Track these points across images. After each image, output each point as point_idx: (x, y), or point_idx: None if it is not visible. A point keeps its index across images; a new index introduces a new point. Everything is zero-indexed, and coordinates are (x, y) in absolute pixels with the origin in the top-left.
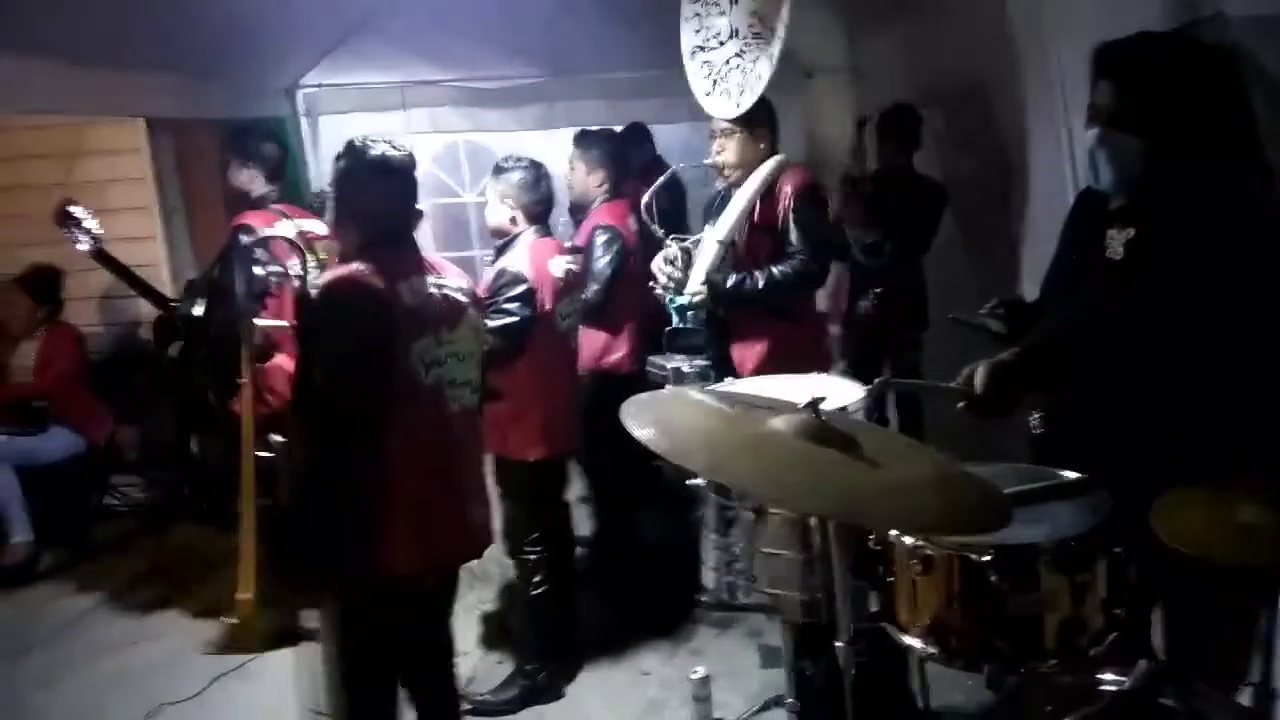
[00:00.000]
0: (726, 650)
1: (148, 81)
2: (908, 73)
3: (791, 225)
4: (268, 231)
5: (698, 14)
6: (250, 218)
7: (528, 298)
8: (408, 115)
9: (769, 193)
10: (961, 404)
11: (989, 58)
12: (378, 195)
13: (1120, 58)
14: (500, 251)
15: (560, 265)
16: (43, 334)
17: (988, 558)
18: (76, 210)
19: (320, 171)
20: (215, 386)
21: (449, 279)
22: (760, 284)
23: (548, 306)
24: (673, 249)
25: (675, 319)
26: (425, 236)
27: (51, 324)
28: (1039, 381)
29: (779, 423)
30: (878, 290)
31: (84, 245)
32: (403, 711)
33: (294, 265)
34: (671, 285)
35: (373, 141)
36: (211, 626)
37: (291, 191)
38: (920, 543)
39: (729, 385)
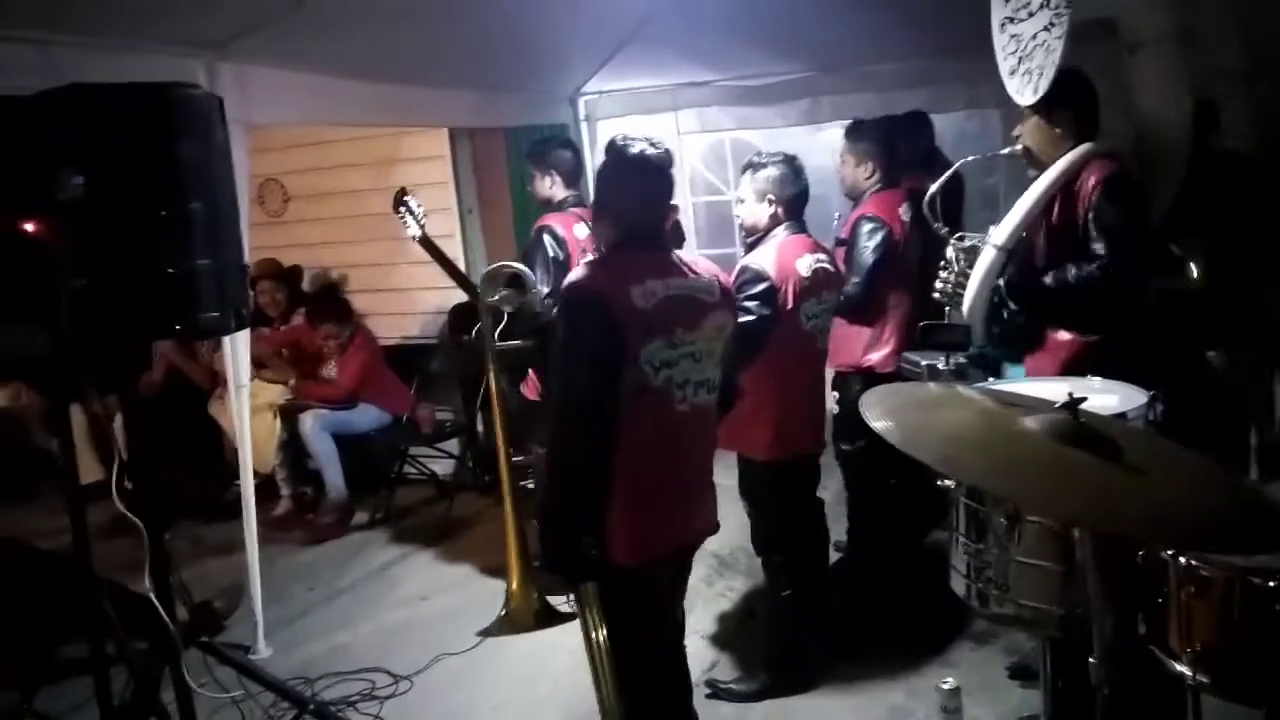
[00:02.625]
0: (982, 663)
1: (450, 96)
2: (1243, 40)
3: (1091, 224)
4: (561, 231)
5: None
6: (551, 219)
7: (768, 296)
8: (677, 116)
9: (1069, 187)
10: None
11: None
12: (632, 193)
13: None
14: (750, 249)
15: (808, 264)
16: (344, 345)
17: (1274, 583)
18: (410, 199)
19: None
20: (508, 370)
21: (696, 279)
22: (1051, 285)
23: (790, 305)
24: (950, 250)
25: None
26: (689, 233)
27: (349, 341)
28: None
29: (1031, 421)
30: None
31: (413, 230)
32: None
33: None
34: (949, 289)
35: (632, 140)
36: (490, 586)
37: None
38: (1196, 563)
39: (991, 384)
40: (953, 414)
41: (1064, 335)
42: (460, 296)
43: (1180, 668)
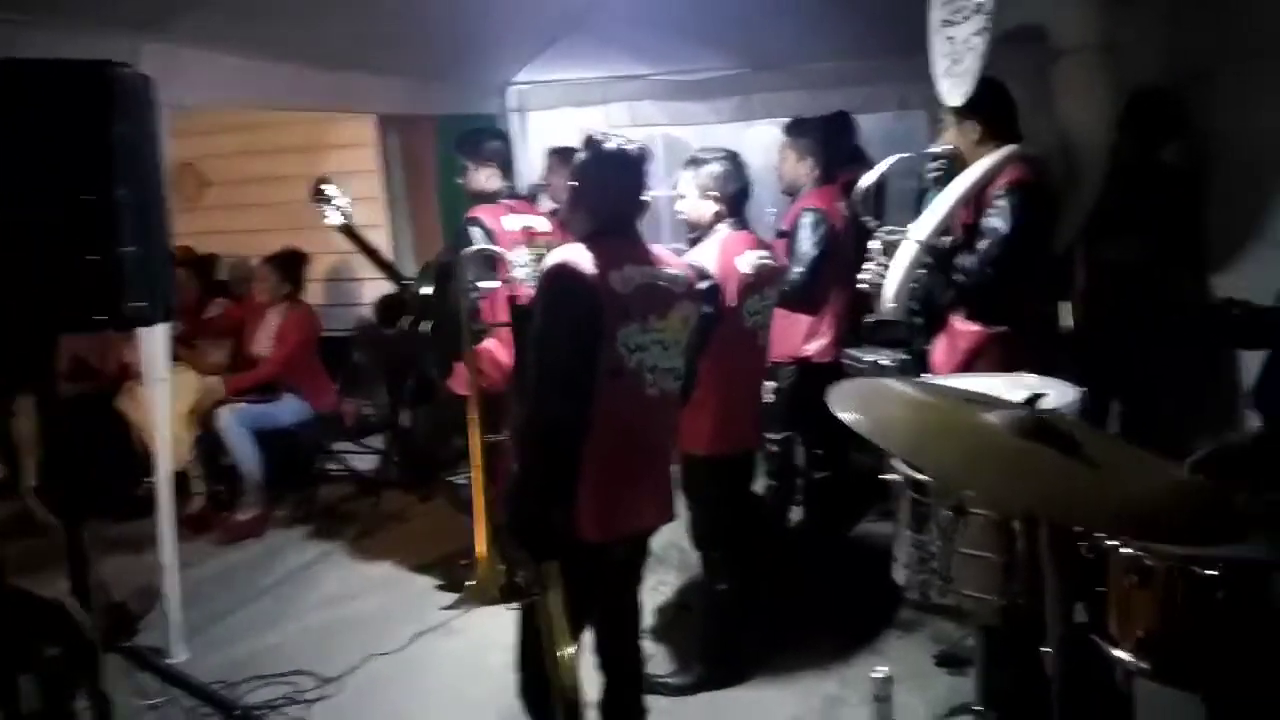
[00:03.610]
0: (910, 652)
1: (380, 82)
2: (1167, 50)
3: (984, 224)
4: (489, 223)
5: None
6: (479, 211)
7: (710, 294)
8: (608, 109)
9: (986, 188)
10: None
11: (1258, 33)
12: (610, 185)
13: None
14: (693, 245)
15: (751, 260)
16: (285, 311)
17: (1214, 572)
18: (329, 188)
19: (528, 163)
20: (438, 363)
21: (666, 269)
22: (948, 282)
23: (732, 302)
24: (877, 243)
25: None
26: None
27: (292, 303)
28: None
29: (992, 416)
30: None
31: (334, 219)
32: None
33: (518, 256)
34: (874, 281)
35: (609, 135)
36: (418, 584)
37: None
38: (1139, 552)
39: (932, 380)
40: (917, 408)
41: (968, 326)
42: (387, 287)
43: (1122, 655)
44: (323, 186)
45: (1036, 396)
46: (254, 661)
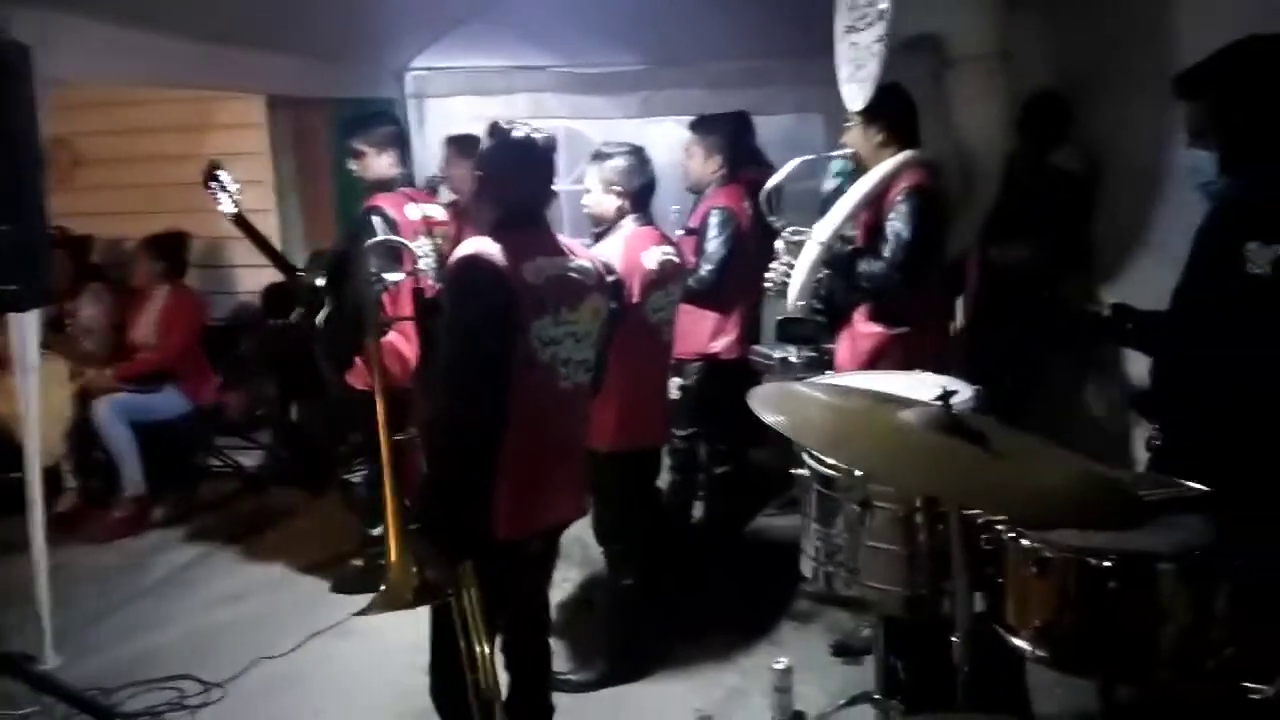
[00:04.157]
0: (806, 642)
1: (270, 60)
2: (1058, 58)
3: (886, 228)
4: (391, 212)
5: None
6: (380, 200)
7: (615, 289)
8: (511, 100)
9: (885, 191)
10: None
11: (1133, 47)
12: (517, 175)
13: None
14: (597, 240)
15: (655, 256)
16: (166, 296)
17: (1108, 563)
18: (222, 174)
19: (426, 152)
20: (332, 357)
21: (576, 261)
22: (850, 285)
23: (636, 298)
24: (780, 243)
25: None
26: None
27: (174, 286)
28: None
29: (908, 414)
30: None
31: (226, 207)
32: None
33: (419, 246)
34: (778, 280)
35: (516, 124)
36: (308, 585)
37: None
38: (1037, 544)
39: (839, 380)
40: (836, 410)
41: (870, 327)
42: (269, 275)
43: (1020, 643)
44: (218, 172)
45: (950, 394)
46: (134, 667)
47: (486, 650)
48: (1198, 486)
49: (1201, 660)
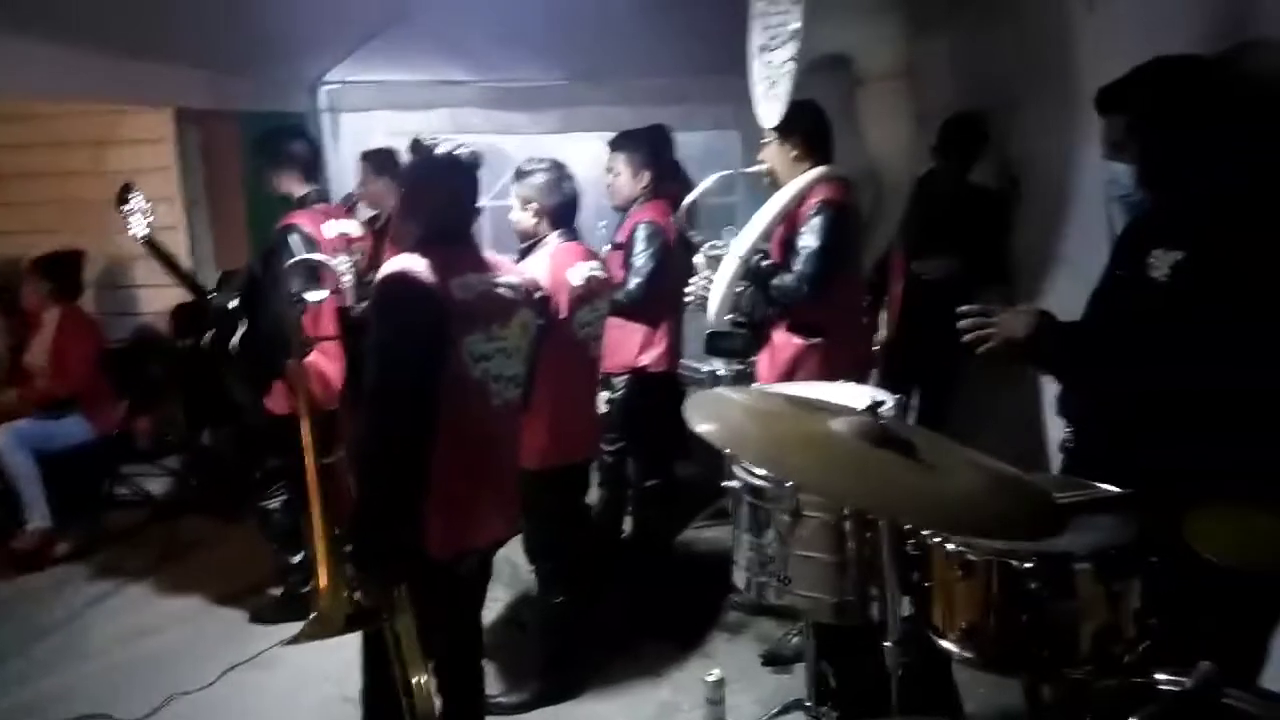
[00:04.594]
0: (738, 654)
1: (178, 73)
2: (968, 78)
3: (797, 241)
4: (309, 229)
5: (764, 11)
6: (297, 218)
7: (541, 305)
8: (429, 114)
9: (798, 206)
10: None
11: (1040, 68)
12: (441, 191)
13: (1126, 93)
14: (523, 256)
15: (581, 272)
16: (58, 319)
17: (1029, 565)
18: (136, 195)
19: (340, 167)
20: (249, 380)
21: (504, 276)
22: (767, 299)
23: (563, 314)
24: (700, 258)
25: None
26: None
27: (66, 309)
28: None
29: (839, 424)
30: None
31: (138, 230)
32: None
33: (339, 264)
34: (701, 294)
35: (439, 139)
36: (225, 616)
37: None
38: (961, 548)
39: (768, 389)
40: (768, 418)
41: (787, 339)
42: (174, 294)
43: (946, 644)
44: (130, 194)
45: (879, 404)
46: (40, 706)
47: (423, 677)
48: (1109, 488)
49: (1119, 655)
